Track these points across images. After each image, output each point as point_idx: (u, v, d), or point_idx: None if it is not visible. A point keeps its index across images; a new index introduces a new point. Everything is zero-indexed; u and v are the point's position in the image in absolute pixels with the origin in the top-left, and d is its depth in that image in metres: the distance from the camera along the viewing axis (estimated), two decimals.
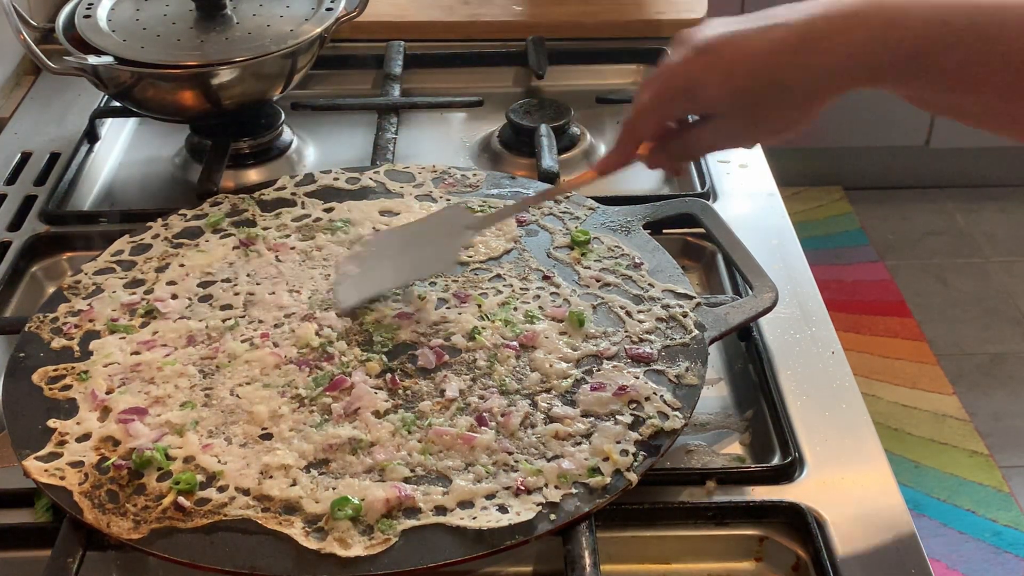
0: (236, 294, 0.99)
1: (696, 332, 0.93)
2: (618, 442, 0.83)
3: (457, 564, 0.76)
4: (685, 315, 0.94)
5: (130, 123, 1.35)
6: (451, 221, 1.01)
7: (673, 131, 0.82)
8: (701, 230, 1.07)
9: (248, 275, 1.01)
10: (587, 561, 0.76)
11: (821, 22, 0.73)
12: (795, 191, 3.08)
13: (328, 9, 1.24)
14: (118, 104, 1.28)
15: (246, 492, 0.80)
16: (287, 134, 1.29)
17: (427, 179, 1.13)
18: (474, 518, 0.78)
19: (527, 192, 1.11)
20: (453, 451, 0.83)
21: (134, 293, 0.99)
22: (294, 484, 0.81)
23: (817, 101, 0.76)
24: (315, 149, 1.30)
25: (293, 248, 1.04)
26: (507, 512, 0.78)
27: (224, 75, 1.17)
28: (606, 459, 0.82)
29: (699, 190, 1.17)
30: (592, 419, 0.85)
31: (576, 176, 0.92)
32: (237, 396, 0.88)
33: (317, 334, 0.93)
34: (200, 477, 0.81)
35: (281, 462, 0.82)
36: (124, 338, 0.94)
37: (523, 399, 0.87)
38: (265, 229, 1.06)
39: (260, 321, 0.96)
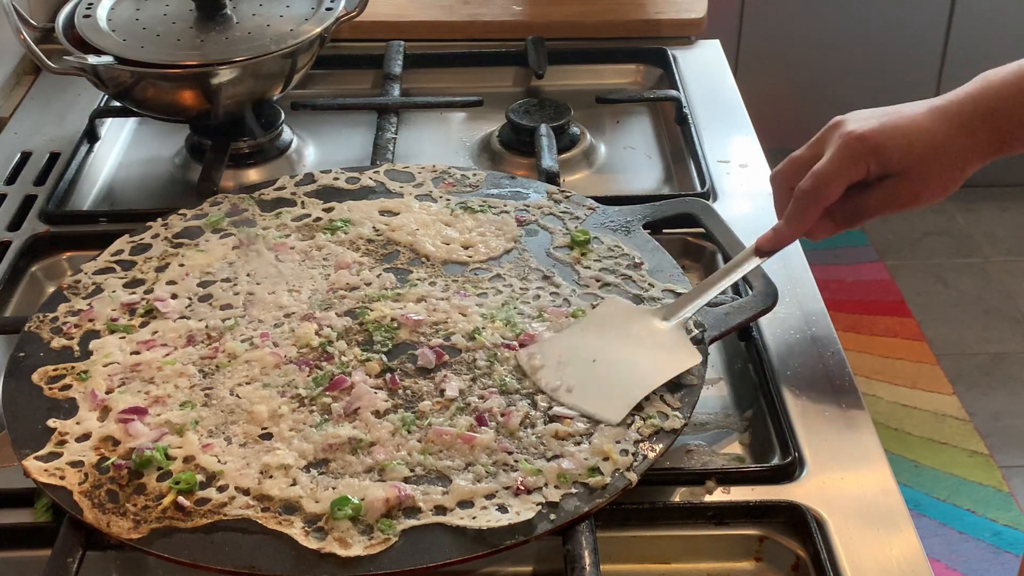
0: (236, 294, 0.99)
1: (696, 332, 0.93)
2: (618, 442, 0.83)
3: (457, 564, 0.76)
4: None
5: (130, 123, 1.35)
6: (627, 318, 0.93)
7: (839, 199, 0.91)
8: (701, 230, 1.07)
9: (248, 275, 1.01)
10: (587, 561, 0.76)
11: (992, 98, 0.89)
12: None
13: (328, 9, 1.24)
14: (118, 104, 1.28)
15: (246, 492, 0.80)
16: (287, 134, 1.29)
17: (427, 179, 1.13)
18: (474, 518, 0.78)
19: (526, 192, 1.11)
20: (453, 451, 0.83)
21: (134, 293, 0.99)
22: (294, 484, 0.81)
23: (970, 168, 0.91)
24: (315, 149, 1.30)
25: (293, 248, 1.04)
26: (507, 512, 0.78)
27: (224, 75, 1.17)
28: (606, 459, 0.82)
29: (699, 190, 1.17)
30: (592, 419, 0.85)
31: (742, 261, 0.94)
32: (237, 396, 0.88)
33: (317, 334, 0.93)
34: (200, 477, 0.81)
35: (281, 462, 0.82)
36: (124, 338, 0.94)
37: (523, 399, 0.87)
38: (265, 229, 1.06)
39: (260, 321, 0.96)
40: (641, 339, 0.91)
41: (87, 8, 1.22)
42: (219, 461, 0.82)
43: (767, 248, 0.93)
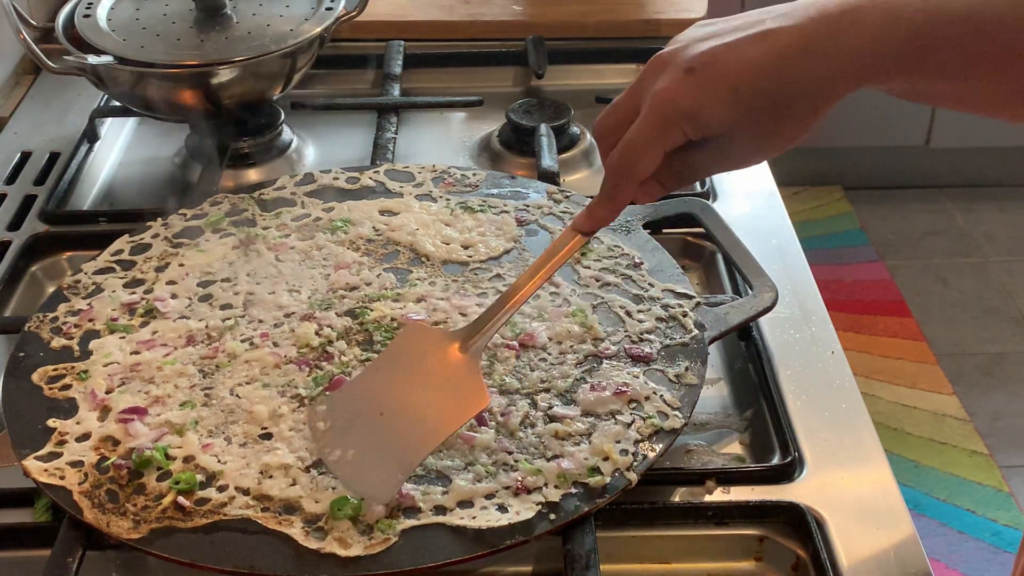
0: (236, 294, 0.99)
1: (696, 332, 0.93)
2: (618, 442, 0.83)
3: (457, 564, 0.76)
4: (685, 315, 0.94)
5: (130, 123, 1.35)
6: (425, 349, 0.84)
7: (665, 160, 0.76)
8: (701, 230, 1.07)
9: (248, 275, 1.01)
10: (587, 561, 0.76)
11: (821, 24, 0.70)
12: (795, 191, 3.08)
13: (328, 9, 1.24)
14: (118, 104, 1.28)
15: (246, 492, 0.80)
16: (287, 134, 1.29)
17: (427, 179, 1.13)
18: (474, 518, 0.78)
19: (526, 192, 1.11)
20: (453, 450, 0.83)
21: (134, 293, 0.99)
22: (294, 484, 0.81)
23: (824, 106, 0.72)
24: (315, 149, 1.30)
25: (293, 248, 1.04)
26: (507, 512, 0.78)
27: (224, 75, 1.17)
28: (606, 459, 0.82)
29: (699, 190, 1.17)
30: (592, 419, 0.85)
31: (561, 246, 0.82)
32: (237, 396, 0.88)
33: (317, 334, 0.93)
34: (200, 477, 0.81)
35: (281, 462, 0.82)
36: (124, 338, 0.94)
37: (523, 399, 0.87)
38: (265, 229, 1.06)
39: (260, 321, 0.96)
40: (433, 376, 0.83)
41: (87, 8, 1.22)
42: (219, 461, 0.82)
43: (585, 230, 0.81)
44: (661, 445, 0.83)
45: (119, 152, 1.31)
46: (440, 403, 0.82)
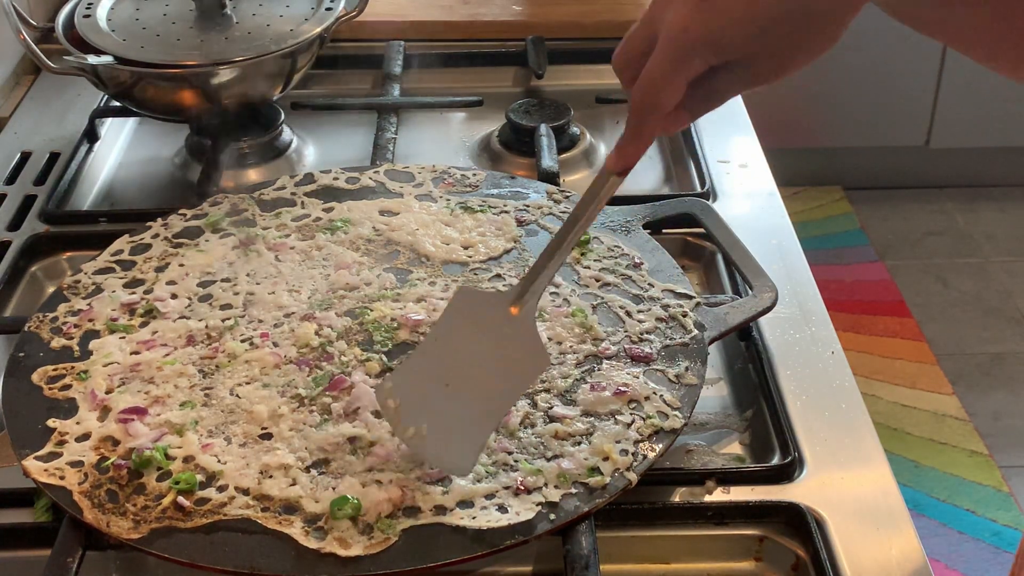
0: (236, 294, 0.99)
1: (696, 332, 0.93)
2: (618, 442, 0.83)
3: (457, 564, 0.76)
4: (685, 315, 0.94)
5: (130, 123, 1.35)
6: (480, 311, 0.83)
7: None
8: (701, 230, 1.07)
9: (248, 275, 1.01)
10: (587, 561, 0.76)
11: None
12: (795, 191, 3.08)
13: (328, 9, 1.24)
14: (118, 104, 1.28)
15: (246, 492, 0.80)
16: (287, 134, 1.29)
17: (427, 179, 1.13)
18: (474, 518, 0.78)
19: (526, 192, 1.11)
20: None
21: (134, 293, 0.99)
22: (294, 484, 0.81)
23: (840, 21, 0.70)
24: (315, 149, 1.30)
25: (293, 248, 1.04)
26: (507, 512, 0.78)
27: (224, 75, 1.17)
28: (606, 459, 0.82)
29: (699, 190, 1.17)
30: (592, 419, 0.85)
31: (598, 189, 0.78)
32: (237, 396, 0.88)
33: (317, 334, 0.93)
34: (200, 477, 0.81)
35: (281, 462, 0.82)
36: (124, 338, 0.94)
37: (523, 399, 0.87)
38: (265, 229, 1.06)
39: (260, 321, 0.96)
40: (491, 341, 0.81)
41: (87, 8, 1.22)
42: (219, 461, 0.82)
43: (618, 169, 0.77)
44: (661, 445, 0.83)
45: (119, 152, 1.31)
46: (502, 368, 0.81)
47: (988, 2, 0.68)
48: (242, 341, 0.93)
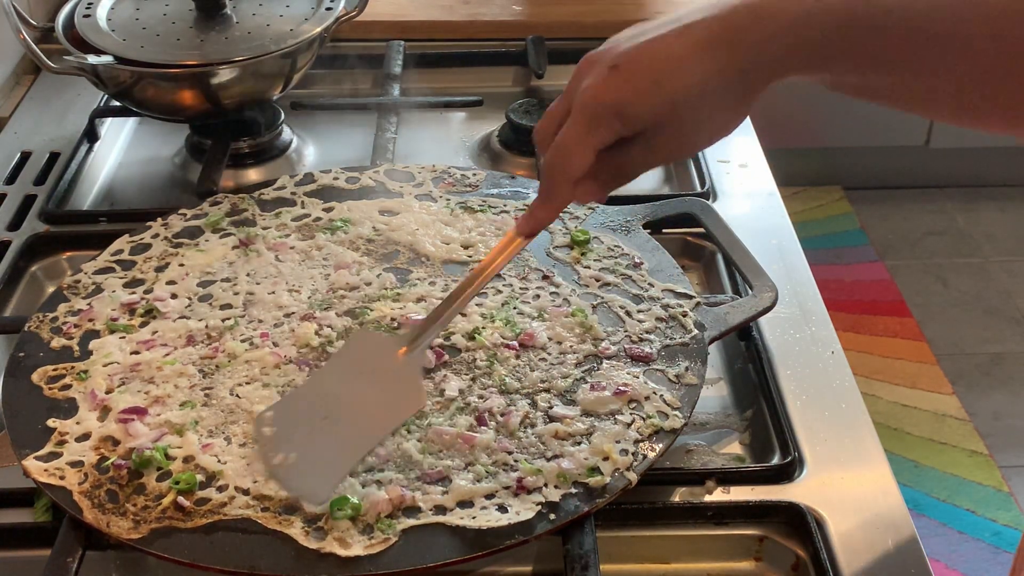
0: (236, 294, 0.99)
1: (696, 332, 0.93)
2: (618, 442, 0.83)
3: (457, 564, 0.76)
4: (685, 315, 0.94)
5: (130, 123, 1.35)
6: (372, 352, 0.86)
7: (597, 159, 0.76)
8: (701, 230, 1.07)
9: (248, 275, 1.01)
10: (587, 561, 0.76)
11: (743, 14, 0.70)
12: (795, 191, 3.08)
13: (328, 9, 1.24)
14: (118, 104, 1.28)
15: (246, 492, 0.80)
16: (287, 134, 1.29)
17: (427, 179, 1.13)
18: (474, 518, 0.78)
19: (526, 192, 1.11)
20: (453, 451, 0.83)
21: (134, 293, 0.99)
22: None
23: (750, 96, 0.73)
24: (315, 149, 1.30)
25: (293, 248, 1.04)
26: (507, 512, 0.78)
27: (224, 75, 1.17)
28: (606, 459, 0.82)
29: (699, 190, 1.17)
30: (592, 419, 0.85)
31: (503, 249, 0.82)
32: (237, 396, 0.88)
33: (317, 334, 0.93)
34: (200, 477, 0.81)
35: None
36: (124, 338, 0.94)
37: (523, 399, 0.87)
38: (265, 229, 1.06)
39: (260, 321, 0.96)
40: (375, 379, 0.84)
41: (87, 8, 1.22)
42: (219, 461, 0.82)
43: (525, 232, 0.80)
44: (661, 445, 0.83)
45: (119, 152, 1.31)
46: (380, 405, 0.83)
47: (909, 64, 0.68)
48: (242, 341, 0.93)
